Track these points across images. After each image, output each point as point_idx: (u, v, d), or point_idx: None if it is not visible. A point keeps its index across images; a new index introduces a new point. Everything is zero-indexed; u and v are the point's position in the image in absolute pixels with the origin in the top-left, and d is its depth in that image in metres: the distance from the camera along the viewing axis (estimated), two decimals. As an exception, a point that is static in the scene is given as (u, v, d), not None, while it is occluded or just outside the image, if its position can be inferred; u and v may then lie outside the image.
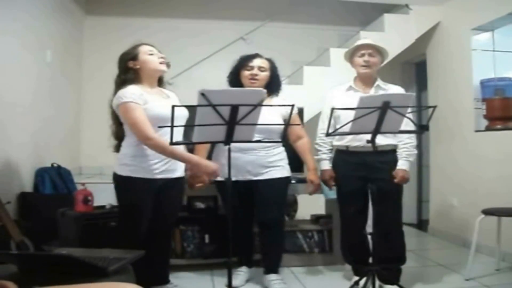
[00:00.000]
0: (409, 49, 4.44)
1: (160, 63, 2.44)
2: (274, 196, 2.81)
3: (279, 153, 2.85)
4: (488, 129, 3.78)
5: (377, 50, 2.81)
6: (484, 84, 3.89)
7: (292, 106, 2.19)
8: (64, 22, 4.13)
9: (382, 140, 2.69)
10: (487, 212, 2.98)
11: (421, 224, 4.92)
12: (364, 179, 2.73)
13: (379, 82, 2.84)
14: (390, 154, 2.79)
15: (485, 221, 2.98)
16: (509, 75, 3.88)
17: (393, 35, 4.27)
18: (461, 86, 4.10)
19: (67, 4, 4.19)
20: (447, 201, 4.23)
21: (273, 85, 2.86)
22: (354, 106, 2.27)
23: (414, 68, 5.17)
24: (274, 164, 2.81)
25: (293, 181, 3.08)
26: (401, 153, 2.80)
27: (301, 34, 4.96)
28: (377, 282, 2.51)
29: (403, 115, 2.31)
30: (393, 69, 4.59)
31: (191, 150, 2.72)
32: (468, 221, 3.63)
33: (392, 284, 2.71)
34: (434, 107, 2.39)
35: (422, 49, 4.66)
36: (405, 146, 2.80)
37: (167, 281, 2.69)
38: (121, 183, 2.42)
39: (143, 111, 2.30)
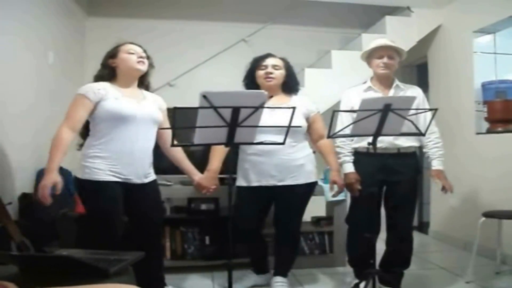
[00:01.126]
0: (411, 51, 4.42)
1: (138, 62, 2.39)
2: (296, 204, 2.76)
3: (306, 156, 2.72)
4: (489, 131, 3.77)
5: (396, 51, 2.76)
6: (485, 86, 3.89)
7: (294, 108, 2.17)
8: (66, 23, 4.14)
9: (404, 142, 2.67)
10: (488, 214, 2.98)
11: (422, 227, 4.92)
12: (382, 182, 2.69)
13: (397, 82, 2.80)
14: (411, 157, 2.75)
15: (486, 223, 2.98)
16: (510, 77, 3.88)
17: (395, 38, 4.20)
18: (463, 89, 4.10)
19: (69, 5, 4.20)
20: (448, 203, 4.22)
21: (290, 84, 2.78)
22: None
23: (415, 70, 5.17)
24: (299, 169, 2.68)
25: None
26: (433, 153, 2.75)
27: (302, 36, 4.97)
28: (378, 285, 2.51)
29: (404, 118, 2.31)
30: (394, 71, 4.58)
31: (204, 152, 2.70)
32: (469, 223, 3.62)
33: (393, 287, 2.71)
34: (435, 109, 2.39)
35: (423, 51, 4.66)
36: (435, 145, 2.75)
37: (163, 285, 2.65)
38: (82, 187, 2.33)
39: (87, 108, 2.27)
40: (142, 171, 2.41)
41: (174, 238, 3.33)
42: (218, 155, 2.71)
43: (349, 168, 2.75)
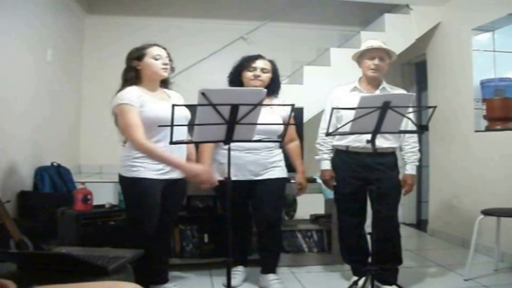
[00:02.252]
0: (410, 49, 4.43)
1: (162, 68, 2.45)
2: (272, 196, 2.82)
3: (278, 154, 2.87)
4: (488, 129, 3.77)
5: (387, 53, 2.78)
6: (484, 84, 3.89)
7: (292, 105, 2.19)
8: (65, 21, 4.13)
9: (383, 143, 2.69)
10: (487, 212, 2.98)
11: (421, 224, 4.93)
12: (363, 180, 2.72)
13: (384, 84, 2.82)
14: (390, 156, 2.79)
15: (484, 221, 2.98)
16: (509, 75, 3.88)
17: (394, 35, 4.26)
18: (461, 87, 4.10)
19: (68, 2, 4.19)
20: (447, 201, 4.23)
21: (273, 87, 2.86)
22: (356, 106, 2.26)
23: (414, 68, 5.17)
24: (274, 165, 2.82)
25: (292, 181, 3.08)
26: (408, 157, 2.82)
27: (301, 34, 4.96)
28: (375, 282, 2.51)
29: (403, 115, 2.31)
30: (393, 69, 4.57)
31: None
32: (468, 221, 3.62)
33: (390, 284, 2.71)
34: (434, 107, 2.39)
35: (422, 49, 4.66)
36: (412, 150, 2.82)
37: (166, 280, 2.70)
38: (127, 184, 2.44)
39: (138, 114, 2.33)
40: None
41: (173, 236, 3.32)
42: (207, 152, 2.76)
43: (326, 165, 2.90)
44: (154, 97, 2.45)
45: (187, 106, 2.43)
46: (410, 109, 2.48)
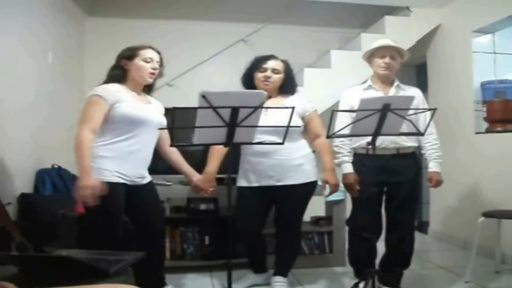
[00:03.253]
0: (410, 51, 4.40)
1: (150, 73, 2.41)
2: (296, 204, 2.76)
3: (305, 155, 2.72)
4: (488, 131, 3.78)
5: (398, 52, 2.75)
6: (484, 86, 3.89)
7: (293, 108, 2.16)
8: (65, 23, 4.13)
9: (404, 141, 2.66)
10: (488, 214, 2.98)
11: (422, 226, 4.91)
12: (382, 184, 2.68)
13: (398, 82, 2.79)
14: (411, 157, 2.74)
15: (485, 223, 2.98)
16: (509, 77, 3.88)
17: (394, 37, 4.18)
18: (462, 88, 4.11)
19: (68, 5, 4.20)
20: (448, 203, 4.23)
21: (287, 87, 2.78)
22: None
23: (414, 70, 5.17)
24: (298, 168, 2.68)
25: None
26: (430, 154, 2.74)
27: (301, 36, 4.96)
28: (377, 284, 2.51)
29: (403, 118, 2.31)
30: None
31: (204, 152, 2.72)
32: (469, 223, 3.62)
33: (393, 286, 2.71)
34: (434, 109, 2.39)
35: (422, 51, 4.66)
36: (433, 147, 2.74)
37: (163, 284, 2.67)
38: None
39: (103, 110, 2.25)
40: (144, 173, 2.47)
41: (174, 238, 3.33)
42: (216, 156, 2.71)
43: (348, 168, 2.70)
44: (135, 97, 2.39)
45: (188, 108, 2.42)
46: (416, 110, 2.47)
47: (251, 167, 2.69)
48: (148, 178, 2.51)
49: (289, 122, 2.43)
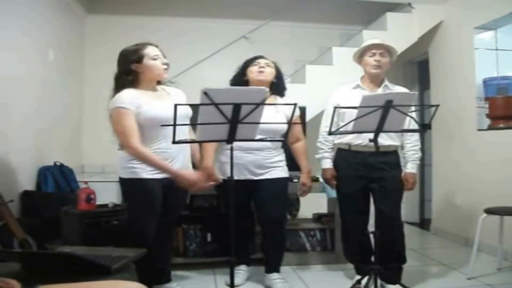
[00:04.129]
0: (412, 47, 4.43)
1: (164, 68, 2.42)
2: (275, 195, 2.81)
3: (279, 155, 2.86)
4: (490, 128, 3.77)
5: (388, 50, 2.79)
6: (486, 83, 3.88)
7: (295, 105, 2.18)
8: (66, 21, 4.13)
9: (386, 141, 2.69)
10: (490, 211, 2.98)
11: (424, 223, 4.92)
12: (365, 178, 2.72)
13: (386, 82, 2.83)
14: (392, 154, 2.79)
15: (487, 220, 2.97)
16: (512, 74, 3.87)
17: (396, 34, 4.26)
18: (464, 85, 4.09)
19: (69, 2, 4.20)
20: (450, 200, 4.22)
21: (277, 87, 2.86)
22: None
23: (416, 66, 5.16)
24: (274, 165, 2.81)
25: (295, 180, 3.08)
26: (409, 155, 2.80)
27: (303, 33, 4.96)
28: (379, 281, 2.51)
29: (406, 114, 2.31)
30: (395, 67, 4.55)
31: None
32: (471, 220, 3.62)
33: (394, 283, 2.71)
34: (437, 105, 2.39)
35: (424, 47, 4.65)
36: (413, 148, 2.80)
37: (169, 280, 2.70)
38: (127, 186, 2.44)
39: (133, 117, 2.29)
40: (183, 164, 2.47)
41: (176, 235, 3.33)
42: (210, 150, 2.76)
43: (327, 164, 2.89)
44: (153, 97, 2.40)
45: (189, 105, 2.42)
46: (413, 108, 2.48)
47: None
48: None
49: (291, 119, 2.43)
